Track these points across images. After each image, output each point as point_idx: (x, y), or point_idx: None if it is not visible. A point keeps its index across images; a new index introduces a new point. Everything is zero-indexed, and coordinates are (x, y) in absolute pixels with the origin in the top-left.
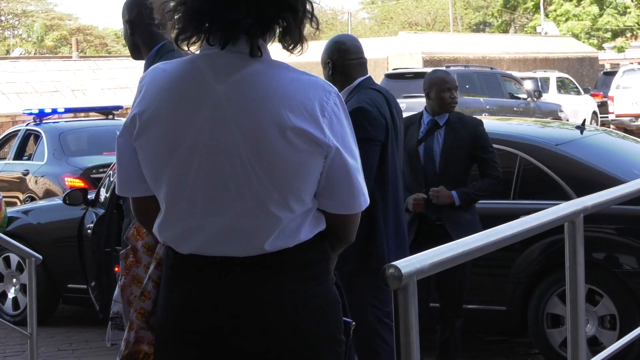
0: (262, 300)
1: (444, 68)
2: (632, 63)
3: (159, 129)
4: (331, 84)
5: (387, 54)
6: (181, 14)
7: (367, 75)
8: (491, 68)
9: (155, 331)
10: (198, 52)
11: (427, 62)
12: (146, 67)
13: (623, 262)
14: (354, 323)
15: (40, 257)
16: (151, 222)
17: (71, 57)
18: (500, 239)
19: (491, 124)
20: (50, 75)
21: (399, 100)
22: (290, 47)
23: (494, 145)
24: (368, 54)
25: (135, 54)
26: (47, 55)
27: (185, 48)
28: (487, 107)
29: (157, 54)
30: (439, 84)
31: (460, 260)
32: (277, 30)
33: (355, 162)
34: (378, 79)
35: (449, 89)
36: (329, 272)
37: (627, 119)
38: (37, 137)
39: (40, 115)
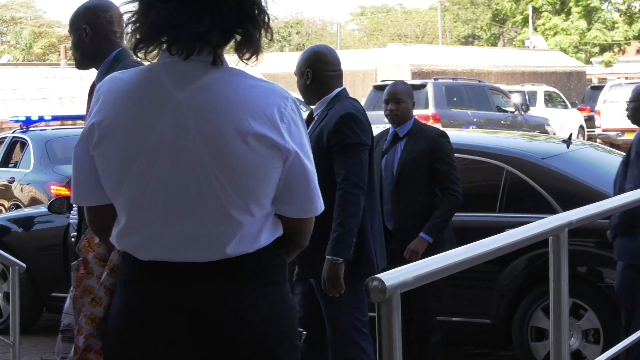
0: (222, 306)
1: (399, 81)
2: (619, 78)
3: (119, 137)
4: (287, 91)
5: (375, 66)
6: (140, 24)
7: (343, 87)
8: (479, 81)
9: (108, 338)
10: (156, 60)
11: (415, 74)
12: (102, 73)
13: (607, 276)
14: (304, 332)
15: (24, 265)
16: (107, 231)
17: (59, 64)
18: (484, 252)
19: (478, 137)
20: (38, 83)
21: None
22: (247, 57)
23: (481, 159)
24: (357, 65)
25: (85, 63)
26: (35, 62)
27: (143, 56)
28: (475, 119)
29: (116, 60)
30: (384, 96)
31: (445, 273)
32: (235, 40)
33: (312, 166)
34: (366, 90)
35: (387, 100)
36: (285, 279)
37: (614, 133)
38: (24, 144)
39: (27, 122)
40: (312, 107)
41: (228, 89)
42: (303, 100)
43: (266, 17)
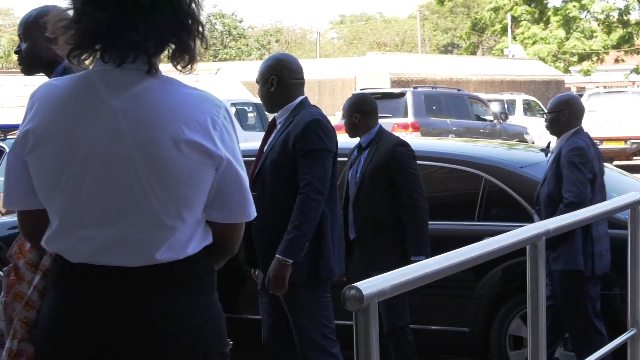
0: (150, 312)
1: (356, 93)
2: (597, 87)
3: (54, 143)
4: (220, 100)
5: (355, 74)
6: (75, 31)
7: (305, 95)
8: (458, 90)
9: (37, 341)
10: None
11: (394, 83)
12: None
13: None
14: (231, 342)
15: None
16: (38, 236)
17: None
18: (462, 261)
19: (457, 145)
20: (16, 91)
21: None
22: (181, 66)
23: (459, 167)
24: (336, 73)
25: (32, 69)
26: (14, 70)
27: (76, 63)
28: (454, 128)
29: (66, 70)
30: None
31: (423, 281)
32: (169, 49)
33: (244, 173)
34: (345, 98)
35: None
36: (214, 287)
37: None
38: (1, 152)
39: (3, 128)
40: (274, 114)
41: (162, 96)
42: (265, 107)
43: (200, 27)
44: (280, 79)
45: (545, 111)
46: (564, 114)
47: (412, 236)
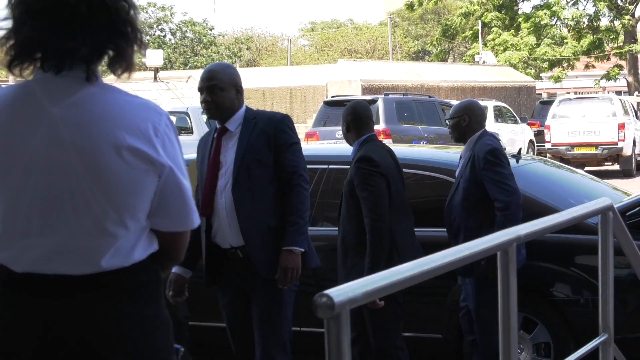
0: (96, 321)
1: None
2: (568, 93)
3: None
4: (161, 108)
5: (326, 81)
6: (14, 42)
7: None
8: (429, 96)
9: None
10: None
11: (365, 90)
12: None
13: (558, 290)
14: (182, 349)
15: None
16: None
17: (7, 80)
18: (434, 267)
19: (428, 152)
20: None
21: (337, 128)
22: (119, 72)
23: (431, 174)
24: (307, 81)
25: None
26: None
27: (18, 74)
28: (425, 135)
29: None
30: None
31: (395, 288)
32: (108, 56)
33: (187, 181)
34: (317, 105)
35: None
36: (160, 294)
37: (563, 148)
38: None
39: None
40: (216, 122)
41: (103, 104)
42: (221, 115)
43: (139, 34)
44: (240, 88)
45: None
46: (464, 119)
47: (365, 260)
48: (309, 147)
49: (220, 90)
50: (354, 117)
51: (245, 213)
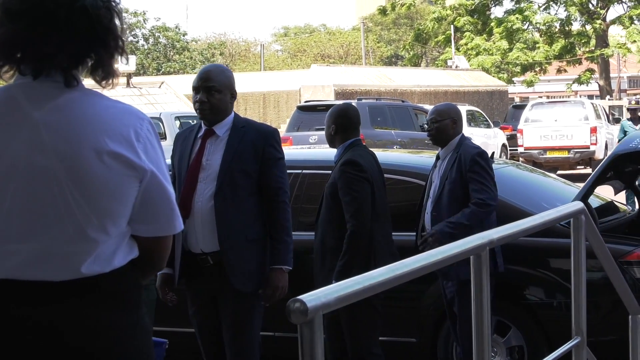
0: (75, 327)
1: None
2: (541, 97)
3: None
4: (143, 113)
5: (299, 86)
6: None
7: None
8: (403, 101)
9: None
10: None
11: (339, 95)
12: None
13: (531, 294)
14: (166, 343)
15: None
16: None
17: None
18: (407, 272)
19: (402, 157)
20: None
21: (310, 133)
22: (99, 80)
23: (405, 178)
24: (280, 86)
25: None
26: None
27: None
28: (399, 139)
29: None
30: None
31: (368, 293)
32: (89, 63)
33: (170, 185)
34: (290, 111)
35: None
36: (140, 301)
37: (536, 152)
38: None
39: None
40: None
41: (84, 109)
42: (214, 117)
43: (121, 42)
44: (235, 93)
45: (426, 123)
46: (451, 121)
47: (338, 263)
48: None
49: (217, 92)
50: (344, 120)
51: (224, 221)
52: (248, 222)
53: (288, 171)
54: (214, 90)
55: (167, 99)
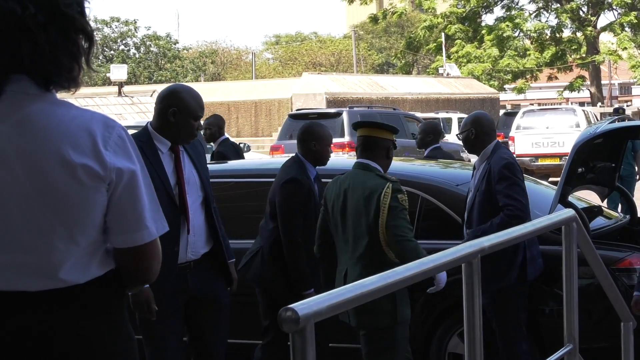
0: (53, 337)
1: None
2: (532, 104)
3: None
4: (114, 120)
5: (290, 94)
6: None
7: None
8: (394, 109)
9: None
10: None
11: (330, 103)
12: None
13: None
14: None
15: None
16: None
17: None
18: (398, 280)
19: (395, 164)
20: None
21: None
22: (64, 88)
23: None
24: (272, 94)
25: None
26: None
27: None
28: None
29: None
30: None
31: (360, 301)
32: (54, 70)
33: (139, 193)
34: (282, 119)
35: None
36: (121, 310)
37: (528, 159)
38: None
39: None
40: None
41: (50, 120)
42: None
43: (91, 49)
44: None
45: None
46: (472, 132)
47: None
48: (274, 161)
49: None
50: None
51: (213, 227)
52: (217, 227)
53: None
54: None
55: None
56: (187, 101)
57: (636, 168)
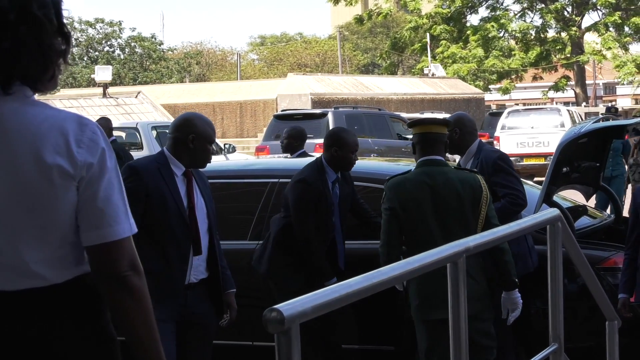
0: (32, 338)
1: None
2: (517, 104)
3: None
4: (87, 119)
5: (276, 95)
6: None
7: None
8: (379, 109)
9: None
10: None
11: (316, 103)
12: None
13: None
14: None
15: None
16: None
17: None
18: (383, 280)
19: (379, 165)
20: None
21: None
22: (40, 90)
23: (381, 187)
24: (257, 95)
25: None
26: None
27: None
28: (376, 147)
29: None
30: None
31: (345, 302)
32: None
33: (109, 191)
34: (267, 120)
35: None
36: (104, 310)
37: (513, 159)
38: None
39: None
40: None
41: (22, 119)
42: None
43: (67, 51)
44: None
45: None
46: (456, 131)
47: None
48: (260, 161)
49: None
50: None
51: (214, 252)
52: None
53: (265, 180)
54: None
55: (144, 108)
56: (204, 127)
57: (627, 168)
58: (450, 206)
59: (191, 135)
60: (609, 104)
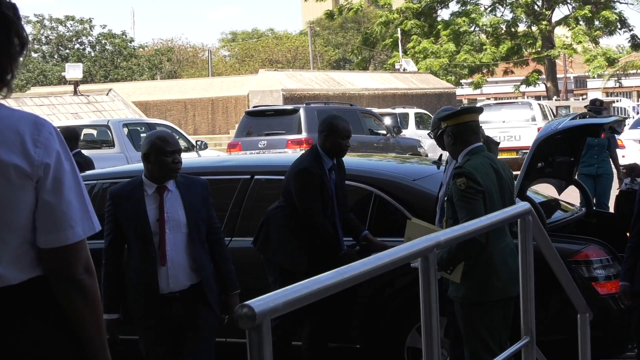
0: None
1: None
2: (488, 99)
3: None
4: (44, 119)
5: (247, 92)
6: None
7: None
8: (351, 105)
9: None
10: None
11: (287, 99)
12: None
13: None
14: None
15: None
16: None
17: None
18: (354, 275)
19: (351, 160)
20: None
21: (260, 138)
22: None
23: (352, 183)
24: (229, 91)
25: None
26: None
27: None
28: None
29: None
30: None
31: (315, 298)
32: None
33: (65, 192)
34: (239, 116)
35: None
36: (53, 314)
37: None
38: None
39: None
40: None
41: None
42: None
43: (22, 53)
44: None
45: (430, 130)
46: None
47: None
48: (232, 158)
49: (179, 154)
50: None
51: (199, 262)
52: (209, 258)
53: (238, 177)
54: (179, 153)
55: (115, 106)
56: (156, 143)
57: (613, 166)
58: (507, 188)
59: (146, 153)
60: (579, 98)
